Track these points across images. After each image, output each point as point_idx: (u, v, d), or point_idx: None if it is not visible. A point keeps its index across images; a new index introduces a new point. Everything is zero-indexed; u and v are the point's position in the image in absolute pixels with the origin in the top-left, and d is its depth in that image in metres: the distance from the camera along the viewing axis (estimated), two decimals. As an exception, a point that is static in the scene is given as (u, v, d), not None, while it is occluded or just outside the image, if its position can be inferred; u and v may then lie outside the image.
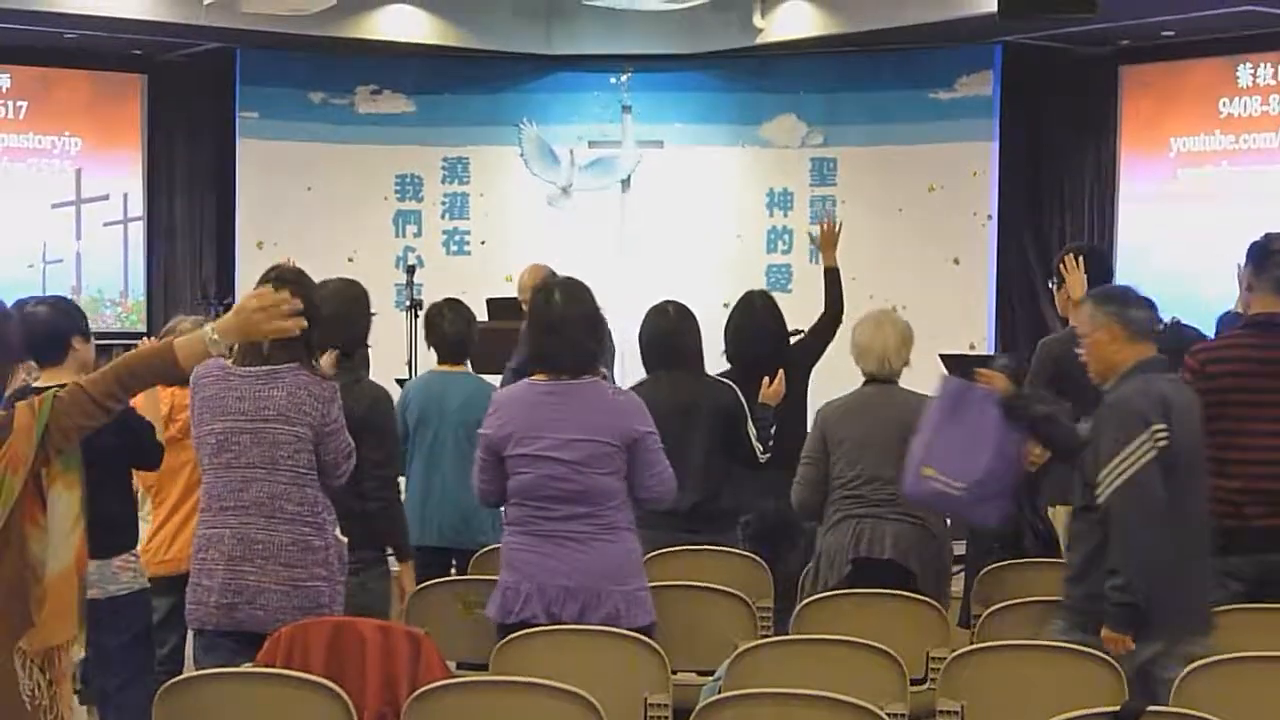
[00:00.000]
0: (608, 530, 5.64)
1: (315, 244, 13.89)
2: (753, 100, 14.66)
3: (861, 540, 6.59)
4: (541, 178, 14.87)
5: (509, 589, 5.66)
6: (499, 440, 5.71)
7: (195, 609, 5.67)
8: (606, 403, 5.69)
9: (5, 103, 14.42)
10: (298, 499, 5.62)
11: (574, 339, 5.69)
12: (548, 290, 5.78)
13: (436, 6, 13.98)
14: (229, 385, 5.63)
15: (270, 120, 14.59)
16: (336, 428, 5.66)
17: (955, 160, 14.03)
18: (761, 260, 14.48)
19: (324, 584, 5.65)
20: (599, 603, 5.59)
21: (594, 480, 5.60)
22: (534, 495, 5.63)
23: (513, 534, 5.71)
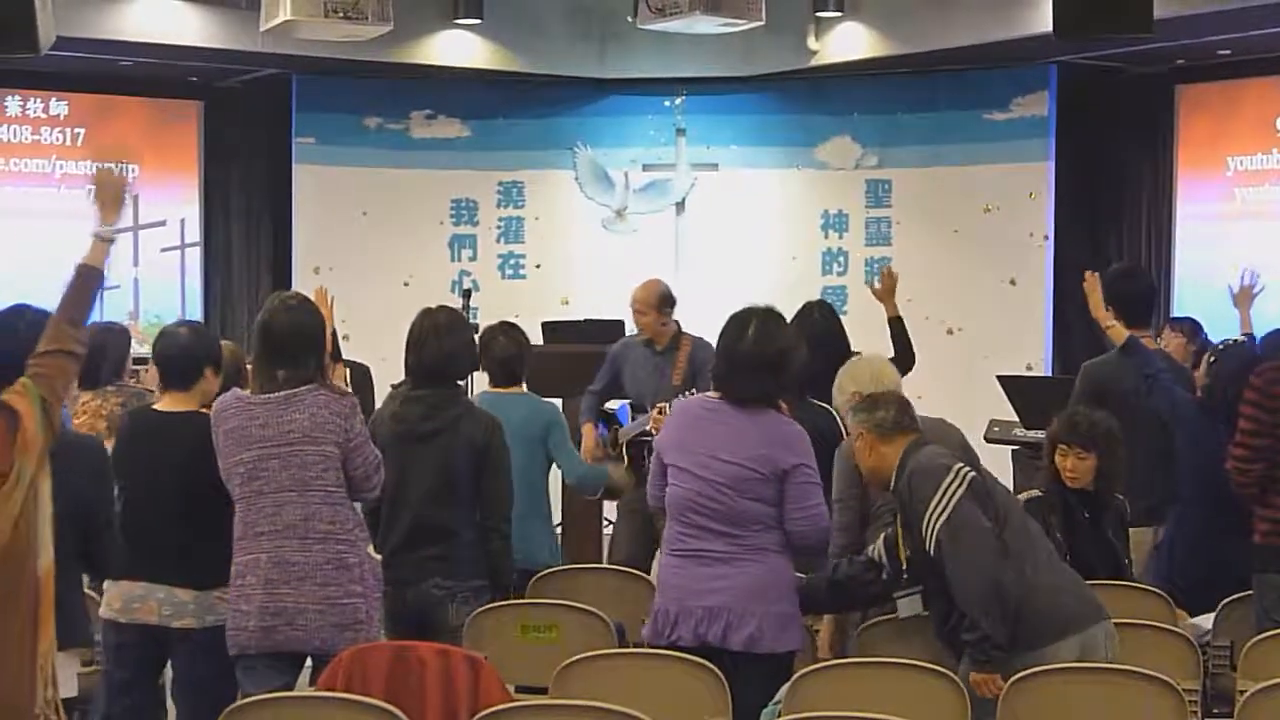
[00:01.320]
0: (753, 551, 5.63)
1: (371, 268, 13.96)
2: (807, 122, 14.64)
3: None
4: (596, 201, 14.88)
5: (660, 611, 5.70)
6: (663, 445, 5.85)
7: (235, 634, 5.71)
8: (765, 431, 5.71)
9: (63, 130, 14.52)
10: (330, 518, 5.68)
11: (747, 374, 5.75)
12: (743, 321, 5.84)
13: (491, 31, 14.02)
14: (251, 415, 5.69)
15: (326, 146, 14.64)
16: (361, 441, 5.72)
17: (1011, 181, 13.98)
18: (817, 282, 14.43)
19: (360, 600, 5.69)
20: (741, 623, 5.58)
21: (740, 504, 5.63)
22: (682, 511, 5.67)
23: (666, 554, 5.77)
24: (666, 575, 5.75)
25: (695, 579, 5.64)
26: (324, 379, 5.79)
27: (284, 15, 11.14)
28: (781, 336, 5.87)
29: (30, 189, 14.37)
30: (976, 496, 5.60)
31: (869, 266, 14.43)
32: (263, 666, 5.69)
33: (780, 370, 5.81)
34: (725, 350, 5.83)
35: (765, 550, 5.68)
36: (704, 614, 5.61)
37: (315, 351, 5.81)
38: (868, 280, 7.98)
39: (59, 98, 14.46)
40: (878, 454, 5.81)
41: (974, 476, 5.66)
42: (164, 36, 13.04)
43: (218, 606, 5.92)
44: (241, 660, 5.74)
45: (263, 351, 5.79)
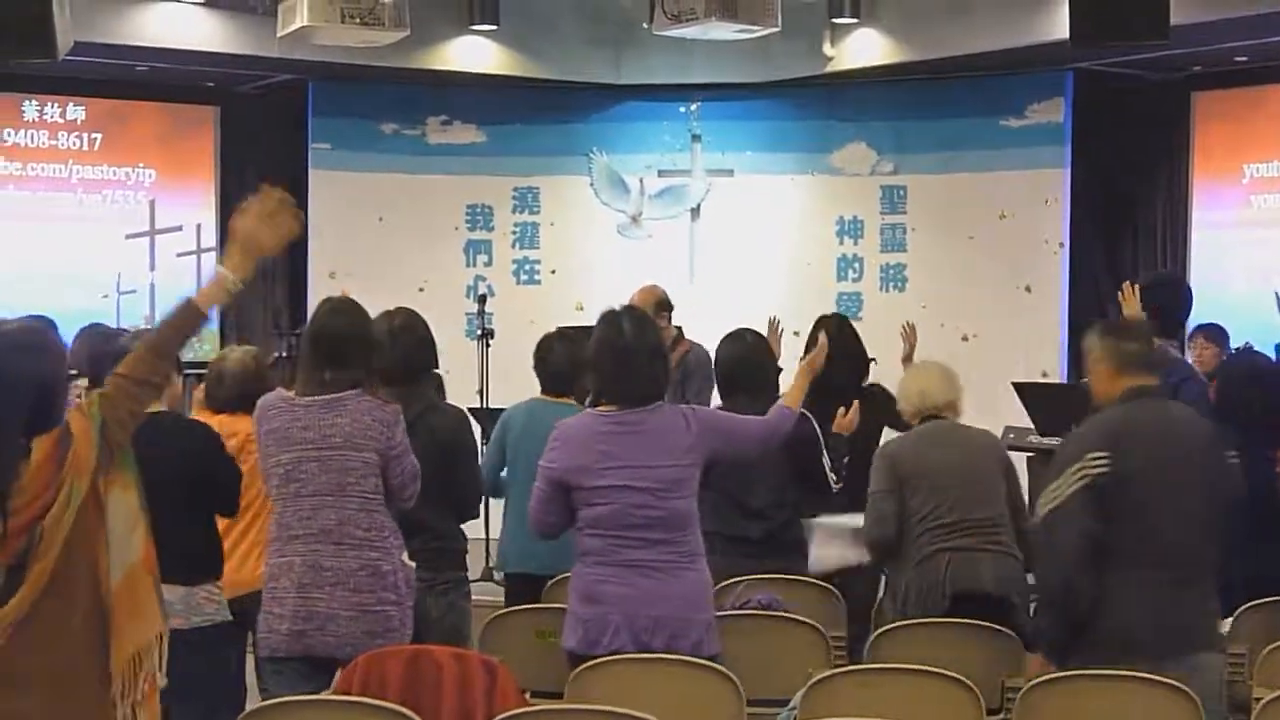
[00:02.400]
0: (688, 558, 5.66)
1: (387, 274, 13.95)
2: (822, 128, 14.64)
3: (959, 575, 6.54)
4: (611, 207, 14.88)
5: (592, 621, 5.64)
6: (566, 473, 5.71)
7: (267, 636, 5.71)
8: (673, 421, 5.71)
9: (80, 135, 14.55)
10: (365, 524, 5.67)
11: (643, 370, 5.70)
12: (615, 321, 5.79)
13: (507, 37, 14.03)
14: (294, 416, 5.69)
15: (342, 151, 14.66)
16: (401, 450, 5.71)
17: (1026, 188, 13.96)
18: (832, 288, 14.44)
19: (393, 608, 5.69)
20: (686, 631, 5.59)
21: (674, 505, 5.61)
22: (614, 525, 5.62)
23: (592, 565, 5.70)
24: (598, 586, 5.67)
25: (638, 589, 5.62)
26: (370, 385, 5.78)
27: (301, 21, 11.17)
28: (655, 332, 5.89)
29: (48, 194, 14.40)
30: (1094, 493, 5.51)
31: (884, 272, 14.44)
32: (291, 670, 5.70)
33: (662, 362, 5.83)
34: (607, 350, 5.76)
35: (696, 555, 5.72)
36: (650, 623, 5.60)
37: (363, 356, 5.80)
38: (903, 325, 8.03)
39: (76, 103, 14.50)
40: (1112, 382, 5.72)
41: (1102, 472, 5.51)
42: (181, 42, 13.07)
43: (204, 607, 5.96)
44: (270, 663, 5.76)
45: (310, 354, 5.79)
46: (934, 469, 6.71)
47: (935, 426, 6.85)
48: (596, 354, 5.82)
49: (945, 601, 6.55)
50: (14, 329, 4.19)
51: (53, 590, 4.01)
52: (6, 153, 14.26)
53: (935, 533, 6.63)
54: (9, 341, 4.12)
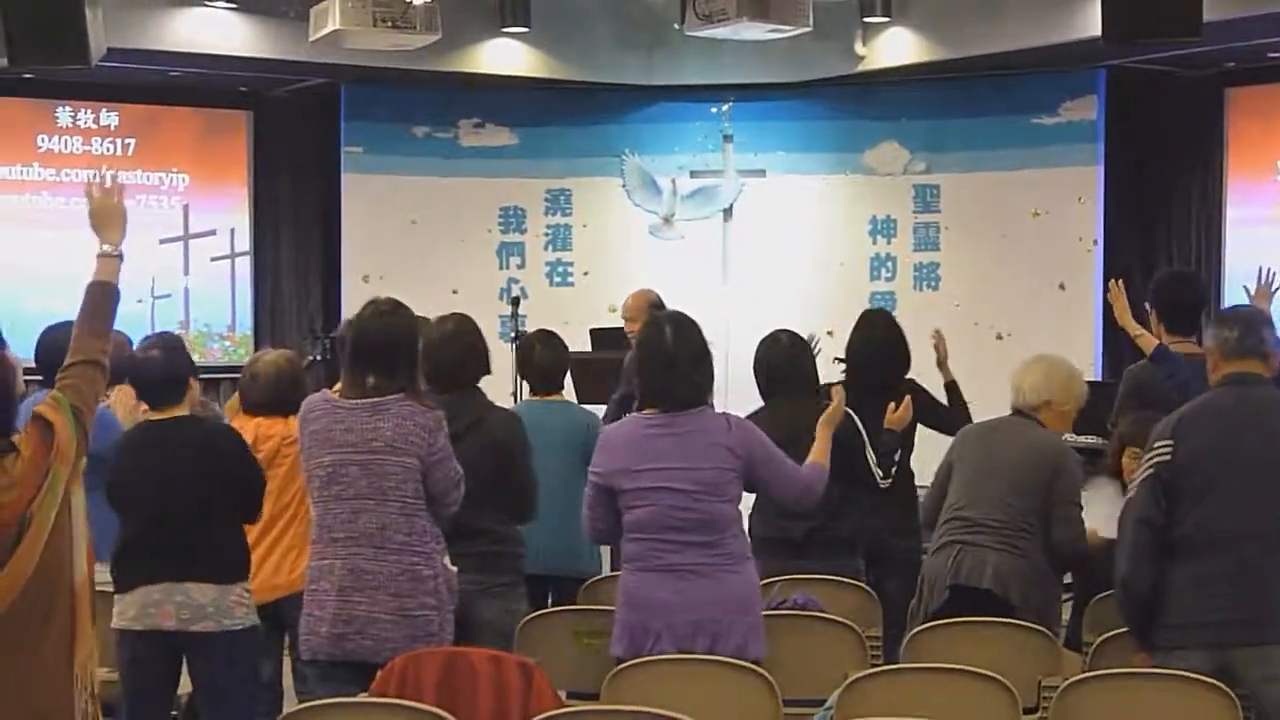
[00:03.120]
0: (730, 560, 5.65)
1: (420, 277, 13.98)
2: (855, 128, 14.62)
3: (962, 567, 6.54)
4: (644, 208, 14.88)
5: (636, 627, 5.65)
6: (610, 476, 5.73)
7: (308, 639, 5.72)
8: (716, 425, 5.71)
9: (114, 140, 14.61)
10: (406, 529, 5.67)
11: (685, 375, 5.70)
12: (658, 326, 5.79)
13: (539, 39, 14.04)
14: (336, 418, 5.69)
15: (375, 154, 14.69)
16: (443, 456, 5.70)
17: (1060, 186, 13.93)
18: (865, 288, 14.42)
19: (433, 613, 5.69)
20: (728, 635, 5.59)
21: (713, 508, 5.60)
22: (653, 528, 5.63)
23: (633, 570, 5.71)
24: (642, 590, 5.69)
25: (677, 593, 5.63)
26: (415, 389, 5.78)
27: (333, 25, 11.19)
28: (698, 336, 5.87)
29: (81, 200, 14.31)
30: (1158, 481, 5.59)
31: (917, 272, 14.43)
32: (331, 673, 5.70)
33: (703, 366, 5.80)
34: (649, 356, 5.79)
35: (740, 558, 5.71)
36: (690, 628, 5.61)
37: (407, 360, 5.79)
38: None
39: (109, 108, 14.55)
40: (1215, 373, 5.79)
41: (1165, 460, 5.59)
42: (213, 47, 13.11)
43: (234, 611, 5.96)
44: (311, 666, 5.77)
45: (353, 356, 5.78)
46: (976, 462, 6.70)
47: (1006, 422, 6.82)
48: (640, 358, 5.84)
49: (945, 594, 6.55)
50: None
51: (35, 586, 4.07)
52: (40, 159, 14.33)
53: (954, 524, 6.63)
54: None
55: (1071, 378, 6.88)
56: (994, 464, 6.65)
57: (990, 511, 6.54)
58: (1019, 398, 6.80)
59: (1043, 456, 6.60)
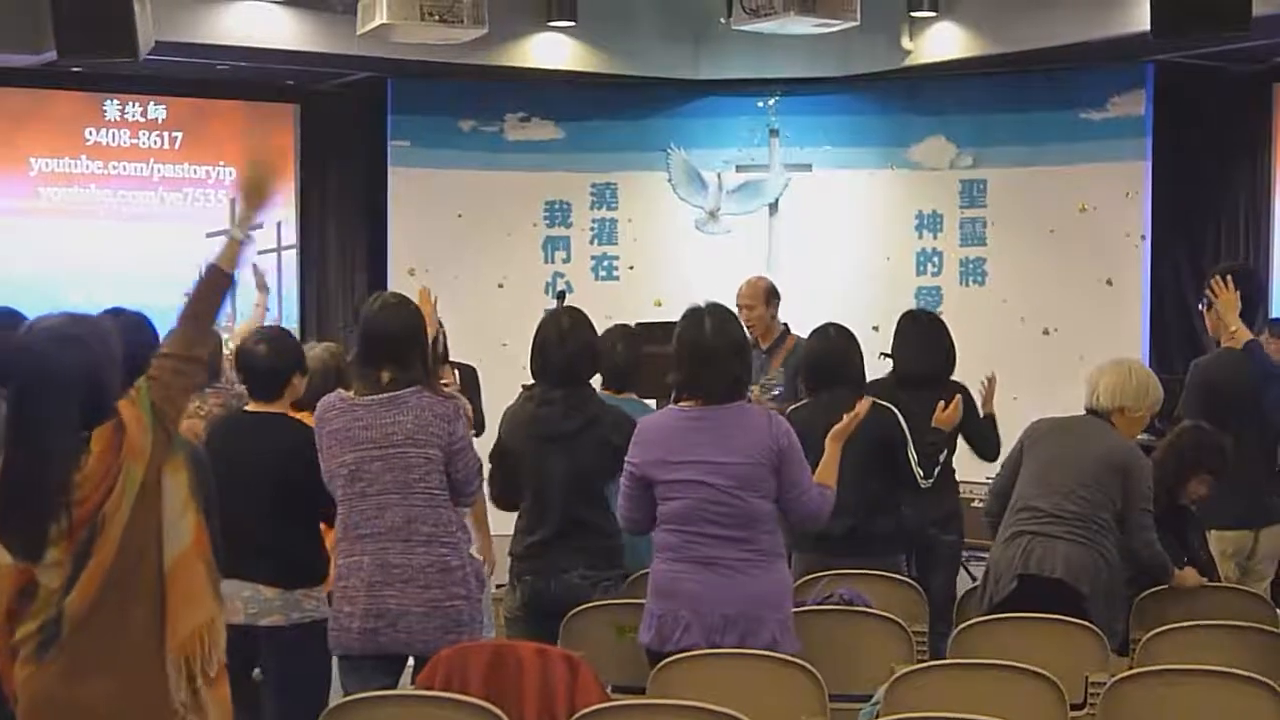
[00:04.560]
0: (763, 556, 5.63)
1: (466, 270, 14.02)
2: (901, 122, 14.59)
3: (1031, 557, 6.52)
4: (689, 202, 14.88)
5: (665, 616, 5.65)
6: (646, 467, 5.72)
7: (338, 635, 5.74)
8: (755, 421, 5.68)
9: (161, 134, 14.65)
10: (433, 520, 5.69)
11: (724, 368, 5.68)
12: (698, 317, 5.78)
13: (585, 33, 14.04)
14: (354, 416, 5.71)
15: (421, 148, 14.71)
16: (464, 445, 5.72)
17: (1107, 181, 13.88)
18: (911, 283, 14.40)
19: (464, 603, 5.71)
20: (758, 630, 5.57)
21: (746, 503, 5.58)
22: (689, 520, 5.62)
23: (666, 560, 5.70)
24: (673, 582, 5.67)
25: (710, 586, 5.60)
26: (429, 380, 5.79)
27: (380, 19, 11.22)
28: (738, 329, 5.86)
29: (129, 192, 14.51)
30: None
31: (963, 267, 14.38)
32: (366, 668, 5.72)
33: (743, 359, 5.80)
34: (689, 347, 5.72)
35: (773, 555, 5.69)
36: (721, 621, 5.59)
37: (418, 352, 5.81)
38: None
39: (157, 101, 14.59)
40: None
41: None
42: (261, 41, 13.14)
43: (304, 604, 5.96)
44: (345, 661, 5.78)
45: (364, 352, 5.80)
46: (1050, 455, 6.68)
47: (1081, 420, 6.80)
48: (678, 350, 5.79)
49: (1013, 583, 6.53)
50: (57, 322, 4.21)
51: (114, 578, 4.05)
52: (89, 152, 14.38)
53: (1024, 515, 6.61)
54: (50, 335, 4.15)
55: (1147, 385, 6.85)
56: (1068, 458, 6.62)
57: (1062, 503, 6.52)
58: (1093, 399, 6.77)
59: (1117, 460, 6.58)
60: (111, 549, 4.04)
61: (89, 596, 4.04)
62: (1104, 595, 6.49)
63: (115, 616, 4.08)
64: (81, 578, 4.04)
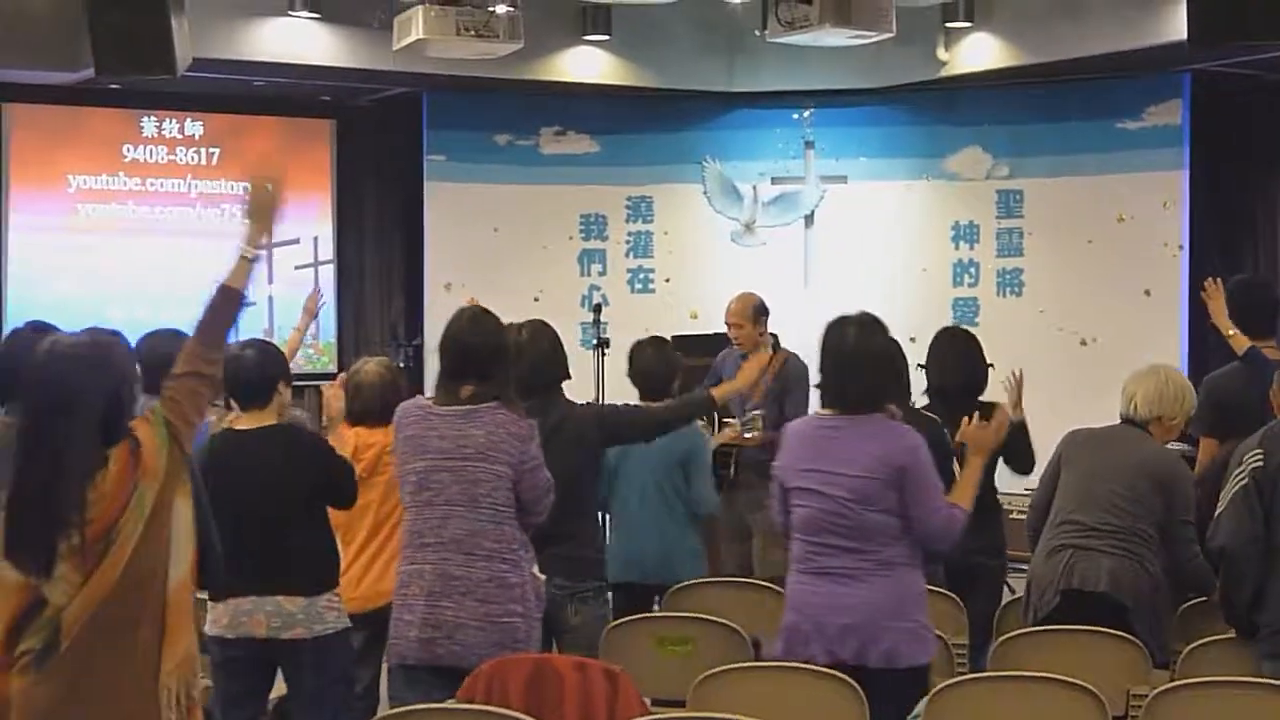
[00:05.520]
0: (883, 566, 5.52)
1: (502, 284, 14.02)
2: (937, 133, 14.58)
3: (1074, 571, 6.48)
4: (725, 215, 14.89)
5: (792, 629, 5.63)
6: (781, 471, 5.74)
7: (397, 643, 5.76)
8: (880, 437, 5.60)
9: (198, 150, 14.71)
10: (495, 536, 5.68)
11: (860, 377, 5.65)
12: (841, 325, 5.75)
13: (620, 47, 14.07)
14: (430, 425, 5.73)
15: (457, 163, 14.75)
16: (535, 465, 5.71)
17: (1145, 191, 13.83)
18: (948, 294, 14.38)
19: (520, 620, 5.70)
20: (877, 639, 5.52)
21: (868, 518, 5.52)
22: (810, 530, 5.60)
23: (794, 572, 5.68)
24: (798, 593, 5.67)
25: (828, 596, 5.57)
26: (509, 397, 5.79)
27: (416, 34, 11.26)
28: (884, 338, 5.80)
29: (167, 209, 14.58)
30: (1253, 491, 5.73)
31: (1000, 278, 14.35)
32: (421, 678, 5.72)
33: (884, 370, 5.74)
34: (829, 355, 5.71)
35: (894, 564, 5.57)
36: (839, 631, 5.54)
37: (502, 367, 5.82)
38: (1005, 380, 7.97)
39: (194, 118, 14.66)
40: None
41: (1258, 467, 5.73)
42: (297, 57, 13.19)
43: (326, 615, 5.99)
44: (400, 670, 5.79)
45: (449, 365, 5.81)
46: (1088, 467, 6.63)
47: (1117, 430, 6.75)
48: (821, 357, 5.76)
49: (1056, 598, 6.50)
50: (80, 342, 4.23)
51: (120, 597, 4.06)
52: (126, 168, 14.45)
53: (1065, 528, 6.56)
54: (70, 353, 4.17)
55: (1184, 393, 6.80)
56: (1107, 470, 6.57)
57: (1104, 516, 6.48)
58: (1130, 408, 6.72)
59: (1157, 470, 6.52)
60: (118, 567, 4.05)
61: (89, 610, 4.05)
62: (1148, 609, 6.44)
63: (120, 637, 4.09)
64: (84, 591, 4.04)
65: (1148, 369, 6.86)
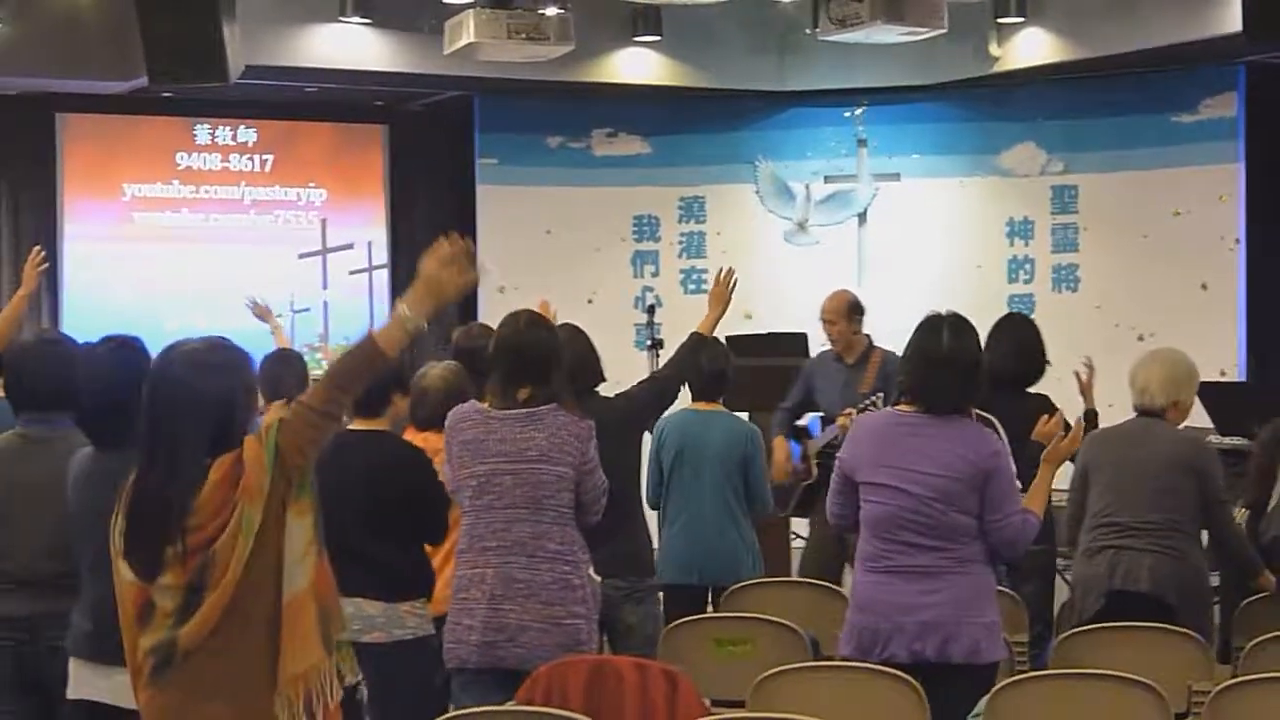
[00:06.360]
0: (961, 564, 5.51)
1: (555, 287, 13.95)
2: (990, 129, 14.51)
3: (1117, 571, 6.47)
4: (777, 214, 14.86)
5: (866, 629, 5.59)
6: (852, 464, 5.70)
7: (455, 647, 5.75)
8: (965, 439, 5.60)
9: (252, 156, 14.77)
10: (559, 538, 5.71)
11: (951, 379, 5.62)
12: (936, 325, 5.73)
13: (670, 47, 14.06)
14: (489, 429, 5.73)
15: (509, 166, 14.77)
16: (594, 465, 5.73)
17: (1200, 185, 13.73)
18: (1003, 290, 14.31)
19: (583, 622, 5.71)
20: (958, 636, 5.50)
21: (950, 518, 5.51)
22: (886, 527, 5.57)
23: (865, 571, 5.64)
24: (871, 592, 5.63)
25: (906, 594, 5.53)
26: (565, 399, 5.80)
27: (468, 38, 11.28)
28: (975, 341, 5.77)
29: (221, 216, 14.63)
30: None
31: (1056, 273, 14.29)
32: (481, 681, 5.72)
33: (973, 375, 5.69)
34: (921, 354, 5.68)
35: (971, 562, 5.56)
36: (919, 629, 5.51)
37: (558, 370, 5.84)
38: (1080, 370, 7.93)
39: (247, 125, 14.72)
40: None
41: None
42: (349, 62, 13.23)
43: (406, 620, 5.97)
44: (461, 675, 5.79)
45: (505, 368, 5.82)
46: (1115, 466, 6.63)
47: (1137, 424, 6.73)
48: (909, 354, 5.74)
49: (1101, 600, 6.47)
50: (198, 347, 4.22)
51: (232, 617, 4.04)
52: (180, 176, 14.51)
53: (1104, 530, 6.55)
54: (192, 359, 4.16)
55: (1192, 371, 6.82)
56: (1137, 467, 6.56)
57: (1141, 514, 6.46)
58: (1147, 398, 6.70)
59: (1186, 458, 6.52)
60: (230, 587, 4.02)
61: (208, 627, 4.04)
62: (1194, 603, 6.42)
63: (232, 642, 4.07)
64: (202, 609, 4.02)
65: (1149, 356, 6.84)
